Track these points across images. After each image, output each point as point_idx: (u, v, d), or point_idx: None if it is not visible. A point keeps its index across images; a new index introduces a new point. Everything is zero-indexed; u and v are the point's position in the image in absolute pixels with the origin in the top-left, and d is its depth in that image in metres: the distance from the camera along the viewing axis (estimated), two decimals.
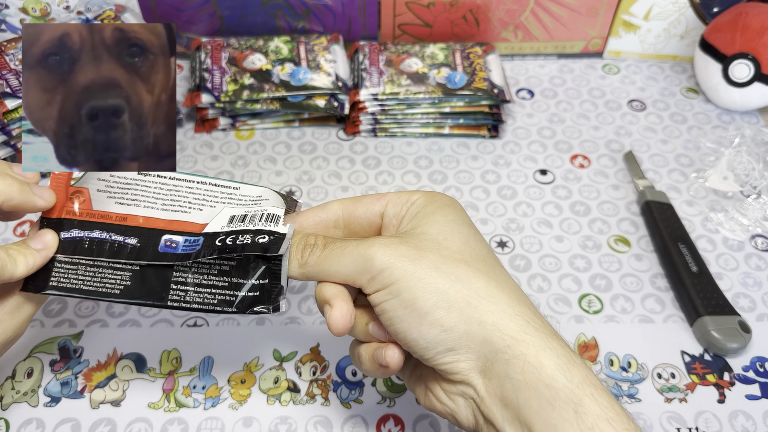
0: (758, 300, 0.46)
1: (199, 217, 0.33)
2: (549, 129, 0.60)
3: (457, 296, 0.28)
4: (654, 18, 0.64)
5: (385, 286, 0.29)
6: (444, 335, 0.28)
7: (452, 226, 0.31)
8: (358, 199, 0.34)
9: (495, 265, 0.31)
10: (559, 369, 0.27)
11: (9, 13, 0.59)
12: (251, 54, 0.59)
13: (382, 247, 0.29)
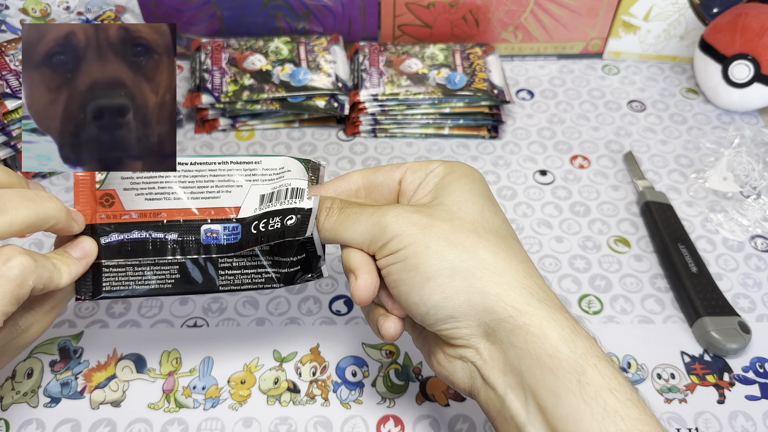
0: (758, 300, 0.46)
1: (230, 200, 0.34)
2: (549, 129, 0.60)
3: (462, 266, 0.29)
4: (654, 19, 0.64)
5: (393, 252, 0.30)
6: (444, 302, 0.29)
7: (467, 197, 0.31)
8: (378, 168, 0.35)
9: (507, 236, 0.31)
10: (563, 340, 0.27)
11: (9, 14, 0.59)
12: (251, 55, 0.59)
13: (394, 215, 0.30)
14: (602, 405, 0.26)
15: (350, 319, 0.45)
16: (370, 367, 0.42)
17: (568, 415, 0.26)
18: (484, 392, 0.29)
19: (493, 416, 0.29)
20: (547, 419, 0.27)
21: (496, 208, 0.32)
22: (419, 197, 0.33)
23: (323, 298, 0.46)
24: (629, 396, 0.27)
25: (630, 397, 0.26)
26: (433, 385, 0.41)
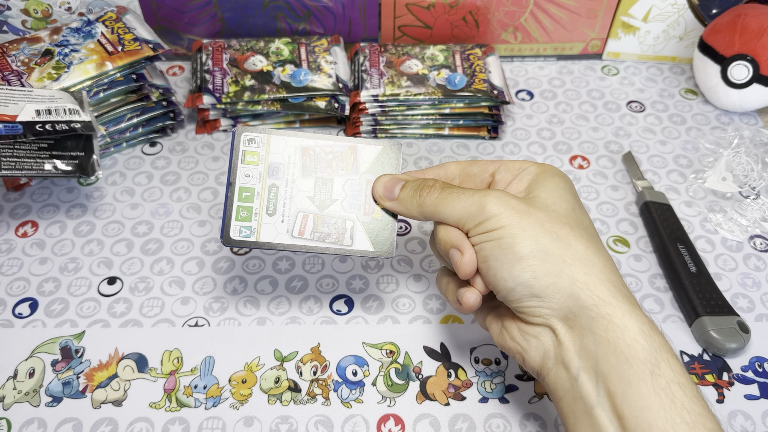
0: (757, 300, 0.46)
1: (9, 111, 0.44)
2: (548, 130, 0.60)
3: (556, 252, 0.31)
4: (653, 19, 0.64)
5: (490, 230, 0.32)
6: (533, 281, 0.31)
7: (561, 193, 0.34)
8: (474, 161, 0.38)
9: (594, 235, 0.33)
10: (642, 333, 0.29)
11: (11, 15, 0.59)
12: (252, 55, 0.59)
13: (495, 197, 0.33)
14: (671, 397, 0.28)
15: (351, 318, 0.45)
16: (370, 366, 0.42)
17: (636, 402, 0.28)
18: (554, 372, 0.31)
19: (560, 395, 0.31)
20: (615, 404, 0.28)
21: (584, 209, 0.35)
22: (513, 191, 0.35)
23: (324, 297, 0.46)
24: (695, 393, 0.28)
25: (696, 395, 0.28)
26: (434, 384, 0.41)
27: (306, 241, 0.37)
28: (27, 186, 0.54)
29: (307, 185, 0.37)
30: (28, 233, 0.50)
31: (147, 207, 0.52)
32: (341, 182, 0.38)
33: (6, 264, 0.48)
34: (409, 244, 0.50)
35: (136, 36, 0.55)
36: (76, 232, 0.50)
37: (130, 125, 0.56)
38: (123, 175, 0.55)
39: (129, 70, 0.53)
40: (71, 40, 0.53)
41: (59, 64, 0.51)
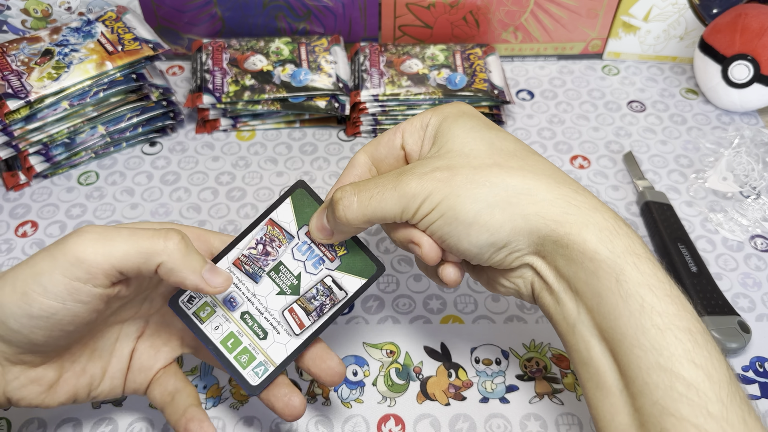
0: (758, 300, 0.46)
1: None
2: (549, 130, 0.60)
3: (496, 199, 0.30)
4: (653, 19, 0.64)
5: (428, 212, 0.31)
6: (492, 237, 0.30)
7: (473, 134, 0.32)
8: (378, 141, 0.36)
9: (527, 155, 0.32)
10: (601, 242, 0.29)
11: (11, 15, 0.59)
12: (252, 55, 0.59)
13: (417, 179, 0.31)
14: (639, 302, 0.27)
15: (351, 318, 0.45)
16: (370, 366, 0.42)
17: (609, 314, 0.28)
18: (544, 298, 0.32)
19: (555, 319, 0.32)
20: (594, 318, 0.29)
21: (503, 134, 0.33)
22: (425, 152, 0.34)
23: None
24: (668, 292, 0.28)
25: (669, 293, 0.28)
26: (434, 384, 0.41)
27: (312, 328, 0.35)
28: (26, 186, 0.54)
29: (266, 286, 0.35)
30: (28, 233, 0.50)
31: (147, 207, 0.52)
32: (290, 257, 0.35)
33: (6, 264, 0.48)
34: None
35: (136, 36, 0.55)
36: None
37: (130, 125, 0.56)
38: (123, 174, 0.55)
39: (129, 70, 0.53)
40: (71, 39, 0.53)
41: (59, 63, 0.51)
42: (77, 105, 0.52)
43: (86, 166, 0.56)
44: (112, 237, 0.29)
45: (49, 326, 0.29)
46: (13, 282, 0.29)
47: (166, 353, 0.37)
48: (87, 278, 0.29)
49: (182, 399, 0.35)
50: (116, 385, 0.35)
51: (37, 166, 0.53)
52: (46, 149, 0.53)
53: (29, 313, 0.29)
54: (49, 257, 0.29)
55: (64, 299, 0.29)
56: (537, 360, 0.42)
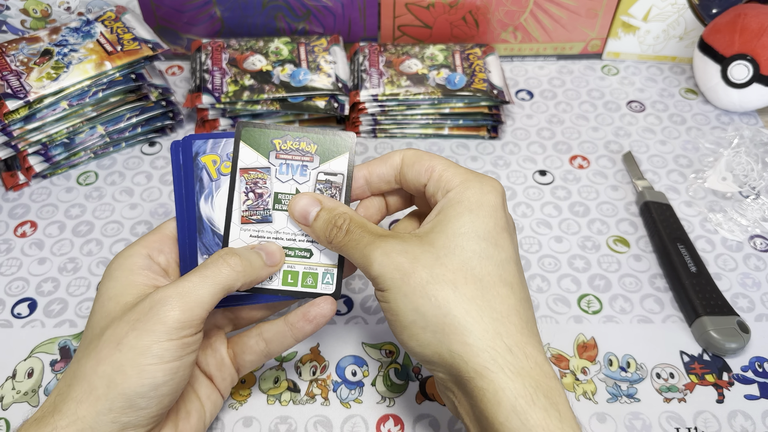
0: (757, 300, 0.46)
1: None
2: (548, 130, 0.60)
3: (434, 320, 0.29)
4: (653, 19, 0.64)
5: (380, 290, 0.31)
6: (419, 349, 0.30)
7: (460, 241, 0.31)
8: (414, 162, 0.34)
9: (492, 285, 0.30)
10: (515, 411, 0.27)
11: (10, 15, 0.59)
12: (251, 55, 0.59)
13: (381, 255, 0.31)
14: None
15: (350, 318, 0.45)
16: (369, 366, 0.42)
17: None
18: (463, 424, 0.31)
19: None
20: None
21: (493, 249, 0.31)
22: (429, 218, 0.33)
23: None
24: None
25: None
26: (433, 384, 0.41)
27: None
28: (26, 186, 0.54)
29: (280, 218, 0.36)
30: (27, 233, 0.50)
31: (146, 207, 0.52)
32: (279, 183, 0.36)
33: (5, 264, 0.48)
34: None
35: (135, 36, 0.55)
36: (75, 232, 0.50)
37: (129, 125, 0.56)
38: (122, 174, 0.55)
39: (128, 70, 0.53)
40: (70, 39, 0.53)
41: (58, 63, 0.51)
42: (76, 105, 0.52)
43: (85, 166, 0.56)
44: (190, 290, 0.31)
45: (174, 387, 0.31)
46: (120, 369, 0.29)
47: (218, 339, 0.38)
48: (192, 331, 0.31)
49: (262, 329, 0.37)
50: (216, 399, 0.37)
51: (36, 166, 0.53)
52: (45, 149, 0.53)
53: (155, 384, 0.30)
54: (146, 332, 0.30)
55: (181, 355, 0.30)
56: None
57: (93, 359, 0.30)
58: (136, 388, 0.29)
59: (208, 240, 0.36)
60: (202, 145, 0.36)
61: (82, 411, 0.29)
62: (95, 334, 0.31)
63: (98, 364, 0.30)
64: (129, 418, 0.29)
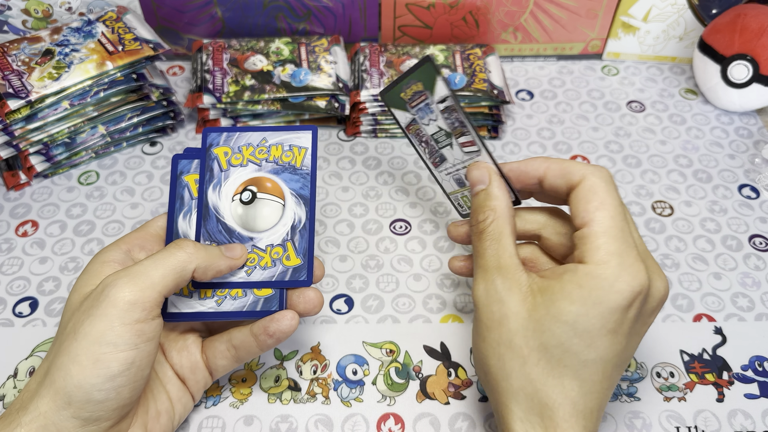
0: (757, 300, 0.46)
1: None
2: (548, 130, 0.60)
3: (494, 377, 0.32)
4: (653, 20, 0.64)
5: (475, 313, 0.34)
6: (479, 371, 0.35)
7: (552, 326, 0.30)
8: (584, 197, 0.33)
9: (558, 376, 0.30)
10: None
11: (11, 15, 0.59)
12: (252, 55, 0.59)
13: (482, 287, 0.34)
14: None
15: (351, 318, 0.45)
16: (370, 365, 0.42)
17: None
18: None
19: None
20: None
21: (584, 347, 0.30)
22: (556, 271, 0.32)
23: (324, 296, 0.46)
24: None
25: None
26: (433, 383, 0.41)
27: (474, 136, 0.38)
28: (27, 185, 0.54)
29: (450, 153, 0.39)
30: (29, 233, 0.50)
31: (147, 206, 0.52)
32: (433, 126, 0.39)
33: (6, 263, 0.48)
34: (409, 244, 0.50)
35: (136, 36, 0.55)
36: (76, 232, 0.50)
37: (131, 125, 0.56)
38: (123, 174, 0.55)
39: (129, 70, 0.53)
40: (72, 39, 0.54)
41: (59, 63, 0.51)
42: (78, 105, 0.52)
43: (87, 166, 0.56)
44: (141, 271, 0.31)
45: (131, 378, 0.30)
46: (75, 359, 0.29)
47: (193, 342, 0.38)
48: (145, 315, 0.30)
49: (232, 335, 0.37)
50: (187, 401, 0.37)
51: (37, 166, 0.53)
52: (46, 149, 0.53)
53: (110, 375, 0.29)
54: (99, 318, 0.29)
55: (136, 344, 0.30)
56: None
57: (54, 352, 0.30)
58: (90, 379, 0.29)
59: (211, 227, 0.37)
60: (216, 137, 0.38)
61: (44, 406, 0.29)
62: (62, 329, 0.31)
63: (58, 356, 0.30)
64: (89, 413, 0.29)
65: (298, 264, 0.36)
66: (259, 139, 0.38)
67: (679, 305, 0.46)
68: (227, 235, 0.36)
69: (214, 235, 0.36)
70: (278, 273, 0.36)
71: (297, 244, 0.36)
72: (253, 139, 0.38)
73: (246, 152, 0.38)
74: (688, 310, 0.45)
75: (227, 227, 0.37)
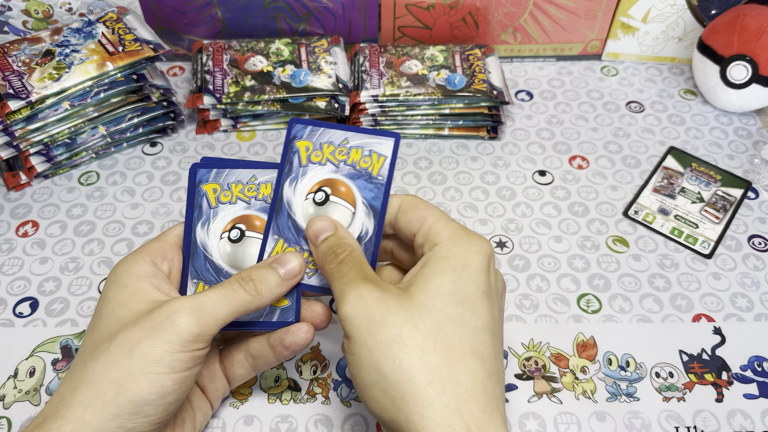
0: (756, 300, 0.46)
1: None
2: (548, 130, 0.60)
3: (395, 384, 0.28)
4: (652, 20, 0.64)
5: (346, 337, 0.31)
6: (379, 412, 0.29)
7: (437, 302, 0.30)
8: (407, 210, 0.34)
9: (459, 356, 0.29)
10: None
11: (11, 15, 0.59)
12: (252, 56, 0.59)
13: (355, 297, 0.30)
14: None
15: None
16: None
17: None
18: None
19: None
20: None
21: (470, 315, 0.30)
22: (413, 270, 0.33)
23: (323, 298, 0.46)
24: None
25: None
26: None
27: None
28: (27, 186, 0.54)
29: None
30: (29, 233, 0.50)
31: (147, 207, 0.52)
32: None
33: (7, 263, 0.48)
34: None
35: (136, 36, 0.55)
36: (76, 232, 0.50)
37: (131, 125, 0.56)
38: (123, 175, 0.55)
39: (130, 71, 0.53)
40: (72, 40, 0.54)
41: (60, 64, 0.52)
42: (78, 105, 0.52)
43: (87, 167, 0.56)
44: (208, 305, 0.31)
45: (180, 395, 0.31)
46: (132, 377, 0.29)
47: (212, 351, 0.38)
48: (204, 345, 0.31)
49: (249, 345, 0.37)
50: (206, 409, 0.37)
51: (38, 166, 0.53)
52: (47, 149, 0.53)
53: (164, 393, 0.30)
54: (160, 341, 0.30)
55: (190, 367, 0.31)
56: (536, 359, 0.43)
57: (102, 363, 0.30)
58: (145, 396, 0.29)
59: (199, 265, 0.36)
60: (206, 173, 0.37)
61: (89, 416, 0.29)
62: (104, 338, 0.31)
63: (108, 369, 0.30)
64: (134, 424, 0.30)
65: (286, 305, 0.36)
66: (342, 138, 0.36)
67: (678, 305, 0.46)
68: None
69: (201, 273, 0.36)
70: (266, 313, 0.36)
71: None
72: (335, 138, 0.36)
73: (326, 150, 0.36)
74: (687, 311, 0.46)
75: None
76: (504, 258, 0.49)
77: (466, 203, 0.53)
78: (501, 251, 0.49)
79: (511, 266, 0.48)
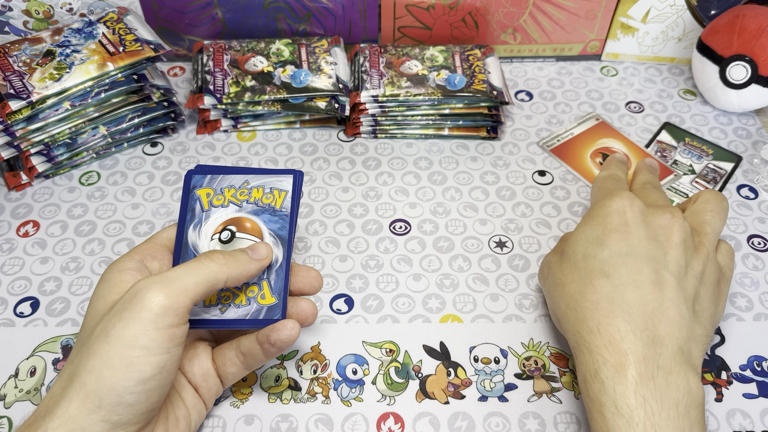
0: (755, 300, 0.46)
1: None
2: (548, 131, 0.60)
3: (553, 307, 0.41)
4: (652, 21, 0.64)
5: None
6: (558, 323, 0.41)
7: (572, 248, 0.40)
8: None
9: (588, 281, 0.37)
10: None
11: (12, 15, 0.59)
12: (253, 56, 0.59)
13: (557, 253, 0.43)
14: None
15: (351, 317, 0.45)
16: (370, 365, 0.42)
17: None
18: None
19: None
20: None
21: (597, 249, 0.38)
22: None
23: (324, 296, 0.46)
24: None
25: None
26: (433, 383, 0.41)
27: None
28: (28, 186, 0.54)
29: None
30: (30, 233, 0.50)
31: (148, 207, 0.53)
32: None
33: (7, 263, 0.48)
34: (409, 244, 0.50)
35: (137, 37, 0.55)
36: (77, 232, 0.50)
37: (131, 125, 0.56)
38: (124, 175, 0.55)
39: (130, 71, 0.54)
40: (72, 40, 0.54)
41: (60, 64, 0.52)
42: (79, 105, 0.52)
43: (88, 167, 0.56)
44: (174, 277, 0.31)
45: (162, 382, 0.30)
46: (108, 362, 0.29)
47: (203, 350, 0.38)
48: (177, 320, 0.31)
49: (240, 342, 0.37)
50: (201, 408, 0.37)
51: (38, 167, 0.53)
52: (47, 149, 0.53)
53: (143, 378, 0.29)
54: (132, 321, 0.30)
55: (168, 348, 0.30)
56: (536, 359, 0.43)
57: (84, 357, 0.30)
58: (123, 382, 0.29)
59: None
60: (200, 179, 0.38)
61: (73, 410, 0.29)
62: (87, 334, 0.32)
63: (88, 360, 0.30)
64: (118, 416, 0.29)
65: (273, 303, 0.36)
66: (242, 181, 0.39)
67: None
68: None
69: None
70: (252, 311, 0.36)
71: (273, 283, 0.37)
72: (235, 181, 0.39)
73: (228, 194, 0.38)
74: None
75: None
76: (504, 258, 0.49)
77: (466, 203, 0.53)
78: (501, 251, 0.49)
79: (511, 266, 0.48)
